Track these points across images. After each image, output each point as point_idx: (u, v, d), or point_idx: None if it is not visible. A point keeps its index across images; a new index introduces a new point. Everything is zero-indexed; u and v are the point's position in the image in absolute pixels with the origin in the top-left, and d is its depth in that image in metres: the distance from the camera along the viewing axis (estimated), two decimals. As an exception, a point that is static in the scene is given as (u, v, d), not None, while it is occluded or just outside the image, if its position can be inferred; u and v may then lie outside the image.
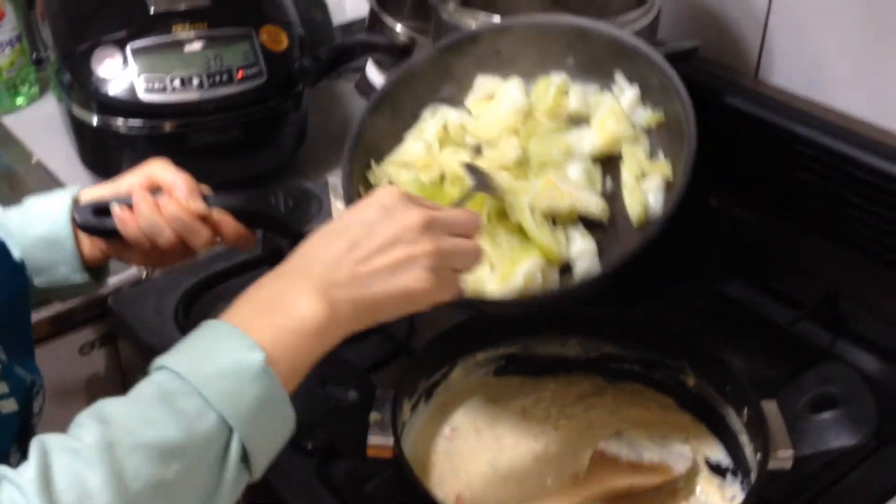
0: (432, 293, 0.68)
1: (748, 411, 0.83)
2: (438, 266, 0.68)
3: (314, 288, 0.65)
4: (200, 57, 1.19)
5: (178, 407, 0.59)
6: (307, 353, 0.64)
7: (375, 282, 0.66)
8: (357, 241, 0.67)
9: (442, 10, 1.09)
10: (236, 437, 0.60)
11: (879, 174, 1.02)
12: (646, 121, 0.90)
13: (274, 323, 0.63)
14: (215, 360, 0.61)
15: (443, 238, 0.69)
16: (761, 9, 1.16)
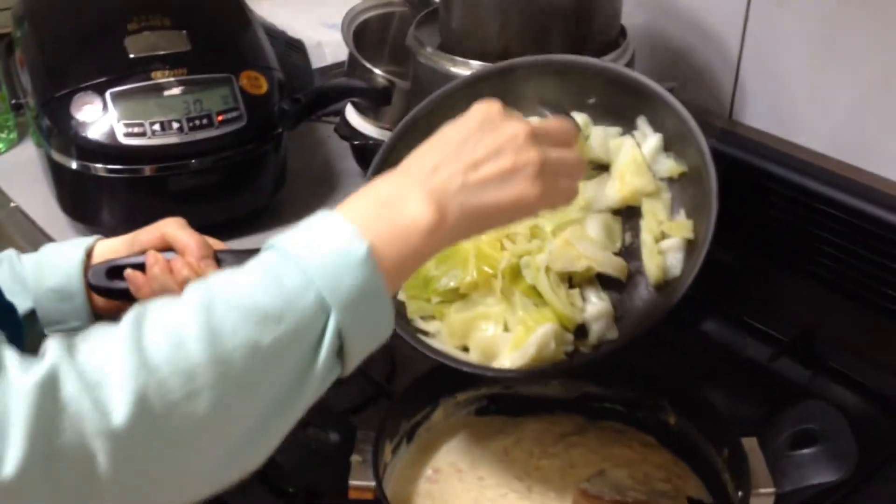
0: (542, 201, 0.68)
1: (729, 449, 0.83)
2: (545, 174, 0.68)
3: (425, 191, 0.65)
4: (180, 101, 1.20)
5: (280, 280, 0.59)
6: (413, 255, 0.64)
7: (485, 190, 0.66)
8: (463, 152, 0.67)
9: (419, 55, 1.11)
10: (333, 320, 0.60)
11: (851, 212, 1.03)
12: (668, 171, 0.89)
13: (383, 219, 0.63)
14: (322, 244, 0.61)
15: (547, 148, 0.69)
16: (733, 51, 1.18)
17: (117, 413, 0.52)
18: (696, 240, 0.85)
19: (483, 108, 0.70)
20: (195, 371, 0.55)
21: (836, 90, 1.10)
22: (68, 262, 0.84)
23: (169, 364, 0.55)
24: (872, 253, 1.03)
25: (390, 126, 1.33)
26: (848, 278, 1.06)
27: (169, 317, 0.57)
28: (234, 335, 0.57)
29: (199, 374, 0.55)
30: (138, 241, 0.86)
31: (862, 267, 1.04)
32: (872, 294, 1.04)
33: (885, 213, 1.02)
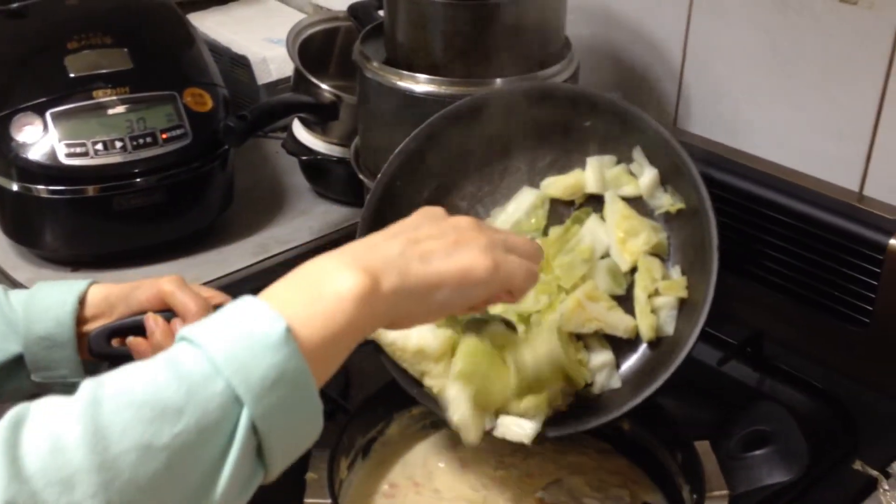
0: (496, 274, 0.64)
1: (682, 453, 0.84)
2: (496, 247, 0.65)
3: (355, 261, 0.60)
4: (123, 120, 1.18)
5: (182, 369, 0.53)
6: (342, 330, 0.58)
7: (429, 260, 0.62)
8: (402, 232, 0.64)
9: (366, 69, 1.10)
10: (246, 414, 0.52)
11: (795, 215, 1.05)
12: (665, 207, 0.89)
13: (305, 294, 0.58)
14: (232, 327, 0.55)
15: (494, 232, 0.67)
16: (676, 61, 1.20)
17: None
18: (694, 299, 0.84)
19: (426, 209, 0.69)
20: (74, 479, 0.48)
21: (776, 96, 1.12)
22: (60, 310, 0.80)
23: (44, 474, 0.48)
24: (817, 255, 1.05)
25: (338, 141, 1.33)
26: (793, 280, 1.07)
27: (51, 417, 0.50)
28: (122, 435, 0.49)
29: (80, 482, 0.48)
30: (136, 298, 0.81)
31: (807, 269, 1.06)
32: (818, 295, 1.06)
33: (828, 216, 1.04)
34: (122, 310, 0.82)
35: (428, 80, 1.05)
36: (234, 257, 1.26)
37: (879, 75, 1.02)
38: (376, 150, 1.14)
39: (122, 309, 0.82)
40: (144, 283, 0.82)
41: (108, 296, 0.82)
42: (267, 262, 1.25)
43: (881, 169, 1.06)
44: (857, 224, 1.02)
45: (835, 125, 1.08)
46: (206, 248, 1.28)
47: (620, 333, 0.85)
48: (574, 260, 0.87)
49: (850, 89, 1.05)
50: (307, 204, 1.39)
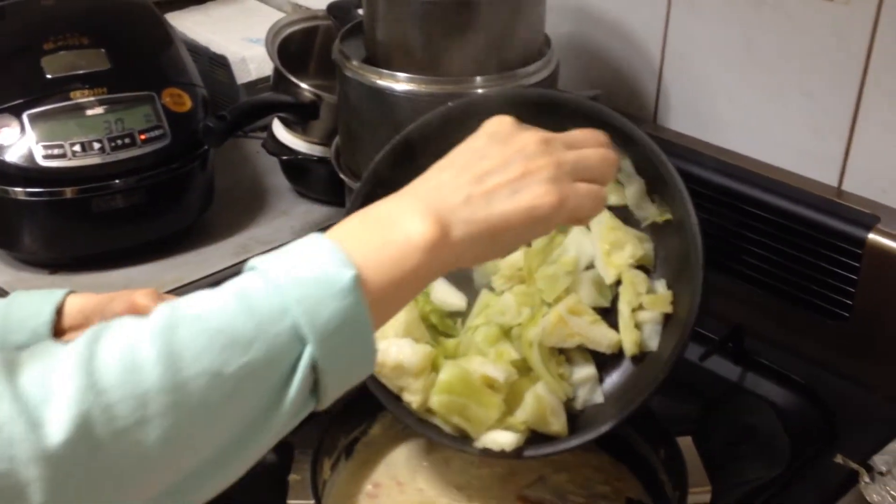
0: (561, 208, 0.62)
1: (665, 449, 0.84)
2: (564, 177, 0.63)
3: (425, 207, 0.60)
4: (101, 121, 1.18)
5: (254, 304, 0.54)
6: (409, 276, 0.59)
7: (493, 201, 0.61)
8: (468, 167, 0.62)
9: (346, 68, 1.10)
10: (308, 353, 0.54)
11: (774, 210, 1.06)
12: (652, 217, 0.86)
13: (374, 239, 0.59)
14: (304, 267, 0.56)
15: (562, 151, 0.64)
16: (655, 58, 1.21)
17: (54, 436, 0.48)
18: (679, 314, 0.82)
19: (492, 124, 0.66)
20: (147, 397, 0.51)
21: (755, 92, 1.12)
22: (36, 321, 0.79)
23: (120, 387, 0.50)
24: (796, 250, 1.05)
25: (319, 140, 1.32)
26: (773, 275, 1.08)
27: (127, 337, 0.52)
28: (195, 360, 0.52)
29: (152, 400, 0.51)
30: (111, 311, 0.80)
31: (786, 264, 1.06)
32: (798, 290, 1.07)
33: (807, 211, 1.04)
34: (98, 322, 0.80)
35: (408, 79, 1.05)
36: (214, 258, 1.26)
37: (857, 71, 1.03)
38: (357, 149, 1.13)
39: (99, 321, 0.80)
40: (119, 296, 0.81)
41: (84, 308, 0.81)
42: (248, 263, 1.25)
43: (859, 164, 1.06)
44: (836, 219, 1.02)
45: (813, 121, 1.08)
46: (186, 250, 1.27)
47: (603, 349, 0.84)
48: (557, 272, 0.86)
49: (827, 85, 1.06)
50: (288, 204, 1.39)
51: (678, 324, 0.81)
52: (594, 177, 0.65)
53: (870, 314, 1.01)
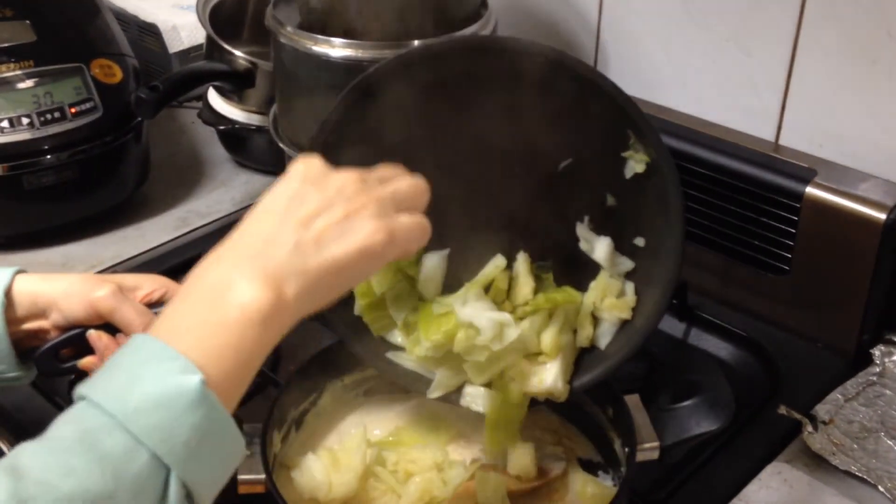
0: (392, 243, 0.61)
1: (613, 407, 0.85)
2: (386, 212, 0.62)
3: (253, 270, 0.57)
4: (29, 95, 1.15)
5: (102, 449, 0.51)
6: (254, 348, 0.56)
7: (324, 246, 0.59)
8: (289, 213, 0.60)
9: (280, 35, 1.08)
10: (175, 477, 0.52)
11: (713, 167, 1.07)
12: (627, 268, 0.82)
13: (209, 322, 0.55)
14: (143, 387, 0.52)
15: (380, 187, 0.63)
16: (592, 16, 1.20)
17: None
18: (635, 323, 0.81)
19: (301, 167, 0.64)
20: None
21: (692, 49, 1.13)
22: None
23: None
24: (736, 205, 1.06)
25: (256, 109, 1.30)
26: (714, 231, 1.09)
27: None
28: None
29: None
30: (70, 310, 0.75)
31: (726, 219, 1.08)
32: (738, 245, 1.08)
33: (745, 167, 1.05)
34: (55, 318, 0.77)
35: (344, 44, 1.03)
36: (153, 233, 1.24)
37: (791, 25, 1.04)
38: (295, 116, 1.12)
39: (56, 317, 0.77)
40: (75, 292, 0.76)
41: (37, 299, 0.76)
42: (188, 237, 1.23)
43: (796, 118, 1.08)
44: (774, 174, 1.04)
45: (749, 76, 1.09)
46: (123, 225, 1.25)
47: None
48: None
49: (763, 40, 1.07)
50: (227, 174, 1.37)
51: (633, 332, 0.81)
52: (412, 206, 0.65)
53: (809, 267, 1.03)
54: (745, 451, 0.91)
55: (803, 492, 0.86)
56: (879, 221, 0.96)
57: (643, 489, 0.85)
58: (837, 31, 1.01)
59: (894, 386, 0.96)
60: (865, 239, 0.97)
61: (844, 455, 0.88)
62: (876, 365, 0.98)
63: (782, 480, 0.87)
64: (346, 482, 0.81)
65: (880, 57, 0.99)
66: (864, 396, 0.95)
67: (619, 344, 0.82)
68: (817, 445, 0.89)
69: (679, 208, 0.77)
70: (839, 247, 1.00)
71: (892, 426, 0.92)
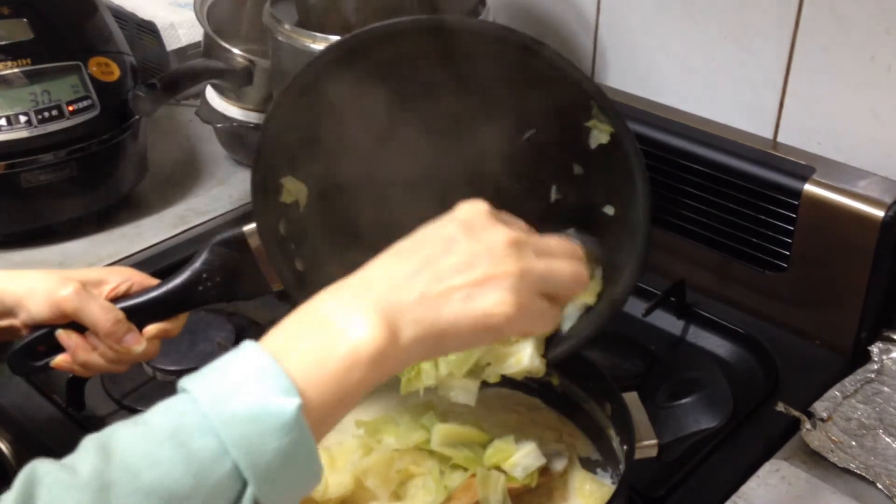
0: (517, 321, 0.59)
1: (611, 405, 0.85)
2: (526, 289, 0.59)
3: (374, 307, 0.56)
4: (26, 93, 1.14)
5: (190, 447, 0.51)
6: (356, 386, 0.55)
7: (449, 303, 0.57)
8: (431, 259, 0.58)
9: (278, 32, 1.08)
10: (249, 493, 0.52)
11: (710, 164, 1.07)
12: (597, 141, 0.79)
13: (319, 349, 0.55)
14: (243, 397, 0.52)
15: (532, 259, 0.60)
16: (591, 13, 1.20)
17: None
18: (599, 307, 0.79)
19: (467, 210, 0.61)
20: None
21: (690, 47, 1.13)
22: None
23: None
24: (734, 203, 1.06)
25: (254, 106, 1.30)
26: (712, 229, 1.09)
27: (62, 498, 0.49)
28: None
29: None
30: (37, 309, 0.75)
31: (725, 217, 1.08)
32: (736, 242, 1.08)
33: (744, 164, 1.05)
34: (23, 317, 0.77)
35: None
36: (151, 231, 1.24)
37: (789, 22, 1.04)
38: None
39: (24, 316, 0.77)
40: (38, 291, 0.76)
41: (2, 297, 0.76)
42: (186, 234, 1.23)
43: (794, 116, 1.08)
44: (773, 171, 1.04)
45: (748, 74, 1.09)
46: (121, 223, 1.25)
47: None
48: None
49: (761, 38, 1.07)
50: (225, 172, 1.37)
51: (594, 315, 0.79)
52: (558, 293, 0.62)
53: (808, 264, 1.03)
54: (743, 448, 0.91)
55: (801, 489, 0.86)
56: (878, 218, 0.96)
57: (641, 486, 0.85)
58: (835, 28, 1.01)
59: (892, 383, 0.96)
60: (864, 236, 0.97)
61: (843, 452, 0.88)
62: (874, 362, 0.98)
63: (780, 478, 0.87)
64: (343, 482, 0.81)
65: (878, 54, 0.99)
66: (862, 394, 0.95)
67: (585, 323, 0.80)
68: (816, 443, 0.89)
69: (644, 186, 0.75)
70: (837, 244, 1.00)
71: (890, 423, 0.92)
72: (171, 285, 0.79)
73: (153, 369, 0.98)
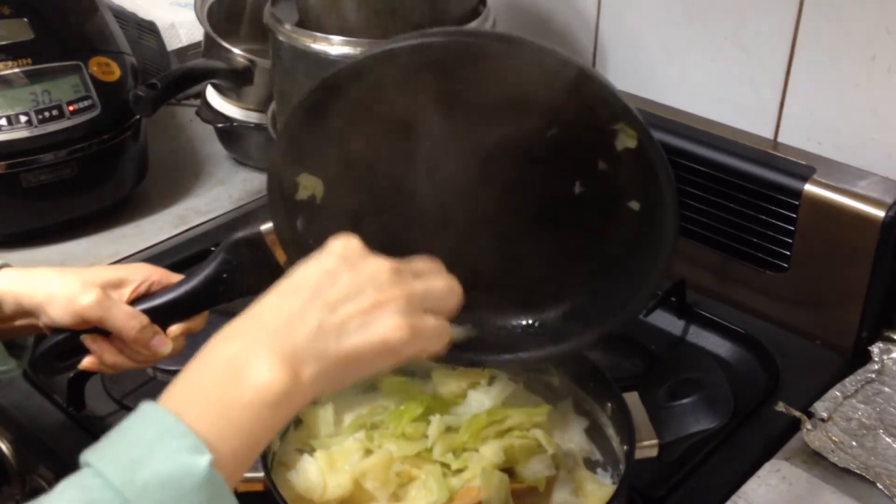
0: (412, 342, 0.61)
1: (612, 405, 0.85)
2: (414, 310, 0.61)
3: (272, 349, 0.56)
4: (27, 93, 1.14)
5: None
6: (264, 430, 0.56)
7: (344, 335, 0.59)
8: (318, 292, 0.59)
9: (278, 32, 1.08)
10: None
11: (712, 165, 1.07)
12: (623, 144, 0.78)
13: (222, 399, 0.55)
14: (152, 463, 0.52)
15: (413, 281, 0.63)
16: (591, 14, 1.20)
17: None
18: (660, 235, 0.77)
19: (341, 245, 0.63)
20: None
21: (691, 47, 1.13)
22: None
23: None
24: (734, 203, 1.06)
25: (254, 106, 1.30)
26: (713, 229, 1.09)
27: None
28: None
29: None
30: (58, 315, 0.74)
31: (725, 217, 1.08)
32: (737, 242, 1.08)
33: (744, 164, 1.05)
34: (45, 321, 0.76)
35: (343, 42, 1.03)
36: (151, 231, 1.24)
37: (790, 22, 1.04)
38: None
39: (45, 320, 0.76)
40: (58, 296, 0.74)
41: (20, 300, 0.75)
42: (187, 234, 1.23)
43: (794, 116, 1.08)
44: (773, 171, 1.04)
45: (748, 74, 1.09)
46: (122, 223, 1.25)
47: None
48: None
49: (762, 37, 1.07)
50: (226, 172, 1.37)
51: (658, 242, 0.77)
52: (440, 307, 0.64)
53: (808, 264, 1.03)
54: (743, 448, 0.91)
55: (802, 489, 0.86)
56: (878, 219, 0.96)
57: (642, 487, 0.85)
58: (836, 27, 1.01)
59: (893, 383, 0.96)
60: (864, 236, 0.97)
61: (843, 452, 0.88)
62: (875, 362, 0.98)
63: (781, 478, 0.87)
64: (341, 483, 0.81)
65: (879, 53, 0.99)
66: (862, 394, 0.95)
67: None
68: (816, 443, 0.89)
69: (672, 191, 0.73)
70: (838, 244, 1.00)
71: (890, 423, 0.92)
72: (192, 285, 0.79)
73: (153, 369, 0.98)
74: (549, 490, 0.83)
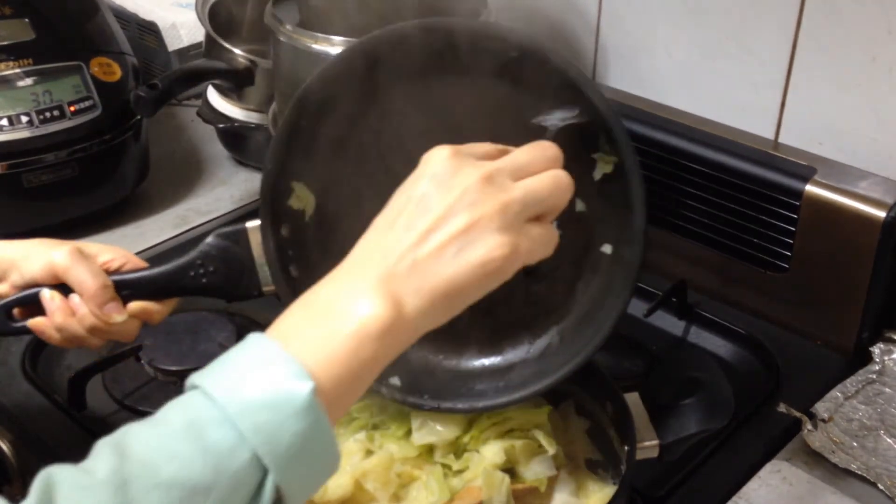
0: (515, 258, 0.58)
1: (612, 406, 0.85)
2: (513, 222, 0.57)
3: (371, 286, 0.56)
4: (28, 93, 1.14)
5: (207, 440, 0.51)
6: (368, 362, 0.55)
7: (442, 263, 0.56)
8: (409, 224, 0.57)
9: (279, 33, 1.08)
10: (271, 480, 0.52)
11: (713, 165, 1.07)
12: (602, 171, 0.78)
13: (327, 331, 0.55)
14: (255, 385, 0.52)
15: (509, 187, 0.58)
16: (592, 14, 1.20)
17: None
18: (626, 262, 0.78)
19: (432, 162, 0.60)
20: None
21: (691, 47, 1.13)
22: None
23: None
24: (735, 203, 1.06)
25: (255, 107, 1.30)
26: (713, 229, 1.09)
27: (80, 498, 0.49)
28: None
29: None
30: (28, 269, 0.76)
31: (726, 217, 1.08)
32: (738, 243, 1.08)
33: (745, 164, 1.05)
34: (14, 278, 0.77)
35: (344, 43, 1.03)
36: (153, 231, 1.24)
37: (791, 22, 1.03)
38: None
39: (15, 277, 0.77)
40: (34, 253, 0.77)
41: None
42: (188, 234, 1.23)
43: (795, 116, 1.08)
44: (774, 172, 1.04)
45: (749, 75, 1.09)
46: (123, 223, 1.25)
47: None
48: None
49: (763, 38, 1.06)
50: (227, 172, 1.37)
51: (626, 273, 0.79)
52: (546, 210, 0.60)
53: (809, 265, 1.03)
54: (744, 448, 0.91)
55: (803, 489, 0.86)
56: (879, 219, 0.96)
57: (643, 487, 0.85)
58: (837, 28, 1.01)
59: (894, 384, 0.96)
60: (865, 237, 0.97)
61: (844, 453, 0.88)
62: (875, 363, 0.98)
63: (782, 478, 0.87)
64: (342, 484, 0.81)
65: (880, 54, 0.99)
66: (863, 394, 0.95)
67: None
68: (817, 443, 0.89)
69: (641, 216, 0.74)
70: (839, 245, 1.00)
71: (891, 424, 0.92)
72: (164, 267, 0.80)
73: (154, 370, 0.98)
74: (550, 490, 0.83)
